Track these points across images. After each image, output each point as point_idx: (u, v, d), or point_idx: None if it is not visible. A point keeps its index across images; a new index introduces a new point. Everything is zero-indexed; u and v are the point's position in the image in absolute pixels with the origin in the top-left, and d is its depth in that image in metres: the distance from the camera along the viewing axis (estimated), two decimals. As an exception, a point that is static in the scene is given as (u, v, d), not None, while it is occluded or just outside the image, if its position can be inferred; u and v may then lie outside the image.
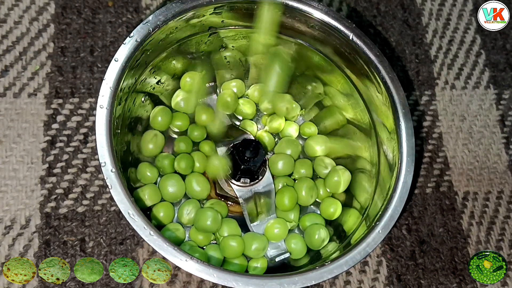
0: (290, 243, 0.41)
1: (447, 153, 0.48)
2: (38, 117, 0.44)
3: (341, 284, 0.43)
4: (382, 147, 0.39)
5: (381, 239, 0.34)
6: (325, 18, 0.38)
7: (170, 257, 0.32)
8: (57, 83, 0.45)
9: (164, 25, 0.37)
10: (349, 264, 0.34)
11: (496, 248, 0.46)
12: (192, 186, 0.41)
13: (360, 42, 0.38)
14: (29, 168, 0.43)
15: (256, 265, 0.40)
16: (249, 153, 0.38)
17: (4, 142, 0.43)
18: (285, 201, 0.41)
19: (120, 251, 0.41)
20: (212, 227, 0.39)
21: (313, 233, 0.40)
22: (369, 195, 0.39)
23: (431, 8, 0.53)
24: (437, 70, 0.51)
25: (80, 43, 0.46)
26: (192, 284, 0.41)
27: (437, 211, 0.46)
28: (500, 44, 0.53)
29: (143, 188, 0.40)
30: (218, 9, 0.38)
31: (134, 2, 0.49)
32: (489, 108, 0.50)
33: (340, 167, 0.43)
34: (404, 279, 0.43)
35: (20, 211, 0.41)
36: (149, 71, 0.40)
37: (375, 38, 0.51)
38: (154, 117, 0.42)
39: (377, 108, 0.39)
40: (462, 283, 0.44)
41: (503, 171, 0.48)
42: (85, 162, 0.43)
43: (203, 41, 0.41)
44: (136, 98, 0.40)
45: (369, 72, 0.39)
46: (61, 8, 0.47)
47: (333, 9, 0.50)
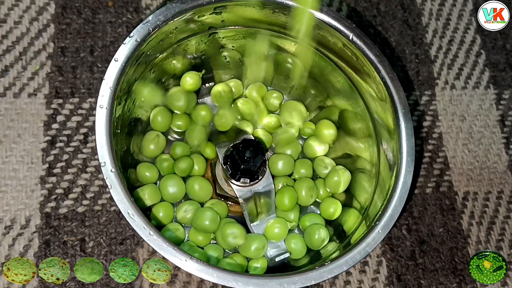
0: (290, 243, 0.41)
1: (447, 153, 0.48)
2: (38, 117, 0.44)
3: (341, 284, 0.43)
4: (382, 147, 0.39)
5: (381, 239, 0.34)
6: (325, 18, 0.38)
7: (170, 257, 0.32)
8: (57, 83, 0.45)
9: (164, 25, 0.37)
10: (349, 264, 0.34)
11: (496, 248, 0.46)
12: (194, 189, 0.41)
13: (360, 42, 0.38)
14: (29, 168, 0.43)
15: (256, 265, 0.40)
16: (249, 153, 0.38)
17: (4, 142, 0.43)
18: (285, 201, 0.41)
19: (120, 251, 0.41)
20: (211, 227, 0.39)
21: (313, 233, 0.40)
22: (369, 195, 0.39)
23: (431, 8, 0.53)
24: (437, 70, 0.51)
25: (80, 43, 0.46)
26: (192, 284, 0.41)
27: (437, 211, 0.46)
28: (500, 44, 0.53)
29: (143, 188, 0.40)
30: (218, 9, 0.38)
31: (134, 2, 0.49)
32: (489, 108, 0.50)
33: (340, 167, 0.43)
34: (404, 279, 0.43)
35: (20, 211, 0.41)
36: (149, 71, 0.40)
37: (375, 38, 0.51)
38: (154, 117, 0.42)
39: (377, 108, 0.39)
40: (462, 283, 0.44)
41: (503, 171, 0.48)
42: (85, 162, 0.43)
43: (203, 41, 0.41)
44: (136, 98, 0.40)
45: (369, 72, 0.39)
46: (61, 8, 0.47)
47: (333, 9, 0.50)
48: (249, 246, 0.39)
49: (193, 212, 0.40)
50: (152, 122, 0.42)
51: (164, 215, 0.40)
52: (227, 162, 0.39)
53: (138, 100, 0.40)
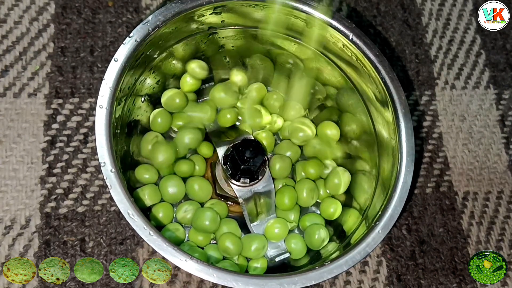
0: (290, 243, 0.41)
1: (447, 153, 0.48)
2: (38, 117, 0.44)
3: (341, 284, 0.43)
4: (382, 147, 0.39)
5: (381, 239, 0.34)
6: (325, 18, 0.38)
7: (170, 257, 0.32)
8: (57, 83, 0.45)
9: (164, 25, 0.37)
10: (349, 264, 0.34)
11: (496, 248, 0.46)
12: (194, 189, 0.41)
13: (360, 42, 0.38)
14: (29, 168, 0.43)
15: (256, 265, 0.40)
16: (249, 153, 0.38)
17: (4, 142, 0.43)
18: (285, 201, 0.41)
19: (120, 251, 0.41)
20: (211, 227, 0.39)
21: (313, 233, 0.40)
22: (369, 195, 0.39)
23: (431, 8, 0.53)
24: (437, 70, 0.51)
25: (80, 43, 0.46)
26: (192, 284, 0.41)
27: (437, 211, 0.46)
28: (500, 44, 0.53)
29: (143, 188, 0.40)
30: (218, 9, 0.38)
31: (134, 2, 0.49)
32: (489, 108, 0.50)
33: (340, 168, 0.42)
34: (404, 279, 0.43)
35: (20, 211, 0.41)
36: (149, 71, 0.40)
37: (375, 38, 0.51)
38: (154, 119, 0.42)
39: (377, 108, 0.39)
40: (462, 283, 0.44)
41: (503, 171, 0.48)
42: (85, 162, 0.43)
43: (203, 41, 0.41)
44: (136, 98, 0.40)
45: (369, 72, 0.39)
46: (61, 8, 0.47)
47: (333, 9, 0.50)
48: (249, 246, 0.39)
49: (193, 212, 0.40)
50: (152, 124, 0.42)
51: (164, 215, 0.40)
52: (227, 162, 0.39)
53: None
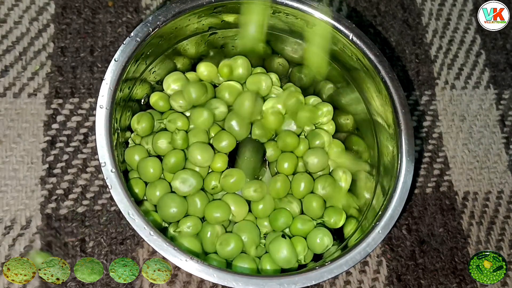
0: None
1: (447, 153, 0.48)
2: (38, 117, 0.44)
3: (341, 284, 0.43)
4: (382, 147, 0.39)
5: (381, 239, 0.34)
6: (325, 18, 0.38)
7: (170, 257, 0.32)
8: (57, 83, 0.45)
9: (164, 25, 0.37)
10: (349, 264, 0.34)
11: (496, 248, 0.46)
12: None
13: (360, 42, 0.38)
14: (29, 168, 0.43)
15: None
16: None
17: (4, 142, 0.43)
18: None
19: (120, 251, 0.41)
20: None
21: (315, 237, 0.40)
22: (369, 195, 0.39)
23: (431, 8, 0.53)
24: (437, 70, 0.51)
25: (80, 43, 0.46)
26: (192, 284, 0.41)
27: (437, 211, 0.46)
28: (500, 44, 0.53)
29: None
30: (218, 9, 0.38)
31: (134, 2, 0.49)
32: (489, 108, 0.50)
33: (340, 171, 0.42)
34: (404, 279, 0.43)
35: (20, 212, 0.41)
36: (149, 71, 0.40)
37: (375, 38, 0.51)
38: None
39: (377, 108, 0.39)
40: (462, 283, 0.44)
41: (503, 171, 0.48)
42: (85, 162, 0.43)
43: (203, 41, 0.41)
44: (136, 98, 0.40)
45: (369, 72, 0.39)
46: (61, 8, 0.47)
47: (333, 9, 0.50)
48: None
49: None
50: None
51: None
52: None
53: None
